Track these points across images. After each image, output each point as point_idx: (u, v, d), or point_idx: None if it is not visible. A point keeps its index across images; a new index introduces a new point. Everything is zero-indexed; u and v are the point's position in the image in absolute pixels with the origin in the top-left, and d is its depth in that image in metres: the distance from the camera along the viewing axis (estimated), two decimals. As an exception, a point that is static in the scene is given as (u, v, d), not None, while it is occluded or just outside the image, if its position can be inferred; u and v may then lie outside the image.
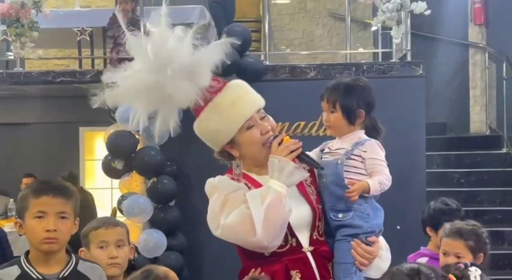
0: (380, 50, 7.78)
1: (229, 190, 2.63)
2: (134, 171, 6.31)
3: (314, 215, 2.70)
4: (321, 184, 2.80)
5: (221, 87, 2.69)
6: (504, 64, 8.68)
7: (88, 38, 8.17)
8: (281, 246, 2.61)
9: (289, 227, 2.61)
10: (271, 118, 2.74)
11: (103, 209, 8.52)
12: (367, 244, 2.70)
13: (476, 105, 9.68)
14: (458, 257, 3.05)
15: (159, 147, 6.19)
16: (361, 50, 8.49)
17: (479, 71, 9.70)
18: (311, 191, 2.77)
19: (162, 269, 2.37)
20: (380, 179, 2.74)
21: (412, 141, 6.38)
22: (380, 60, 7.62)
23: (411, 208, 5.68)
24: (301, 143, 2.65)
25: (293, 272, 2.61)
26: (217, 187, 2.67)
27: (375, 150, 2.77)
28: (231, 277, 2.99)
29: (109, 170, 6.41)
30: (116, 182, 6.96)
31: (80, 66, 8.57)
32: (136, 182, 6.42)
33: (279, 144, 2.62)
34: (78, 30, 8.14)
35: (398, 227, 5.50)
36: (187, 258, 6.08)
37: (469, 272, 2.08)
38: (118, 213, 6.80)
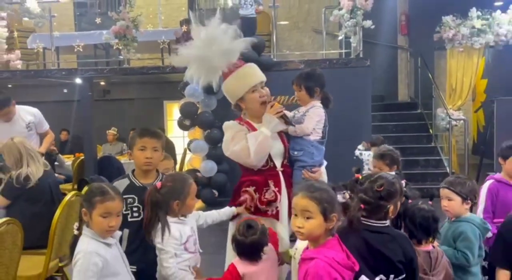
0: (343, 51, 7.69)
1: (236, 129, 2.63)
2: (196, 126, 6.38)
3: (284, 149, 2.69)
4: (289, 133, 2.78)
5: (241, 65, 2.67)
6: (419, 59, 8.61)
7: (167, 46, 8.15)
8: (264, 166, 2.61)
9: (270, 155, 2.62)
10: (267, 88, 2.70)
11: (178, 149, 8.59)
12: (312, 172, 2.68)
13: (402, 84, 9.62)
14: (381, 169, 3.03)
15: (211, 111, 6.22)
16: (332, 51, 8.37)
17: (404, 63, 9.61)
18: (284, 136, 2.77)
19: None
20: (298, 127, 2.71)
21: (363, 106, 6.38)
22: (343, 56, 7.54)
23: (362, 146, 5.70)
24: (284, 108, 2.64)
25: (270, 181, 2.61)
26: (230, 126, 2.66)
27: (311, 114, 2.72)
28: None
29: (182, 126, 6.47)
30: (185, 133, 7.03)
31: (162, 63, 8.55)
32: (198, 132, 6.49)
33: (272, 107, 2.62)
34: (161, 41, 8.12)
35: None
36: (229, 177, 6.16)
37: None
38: (188, 151, 6.90)
